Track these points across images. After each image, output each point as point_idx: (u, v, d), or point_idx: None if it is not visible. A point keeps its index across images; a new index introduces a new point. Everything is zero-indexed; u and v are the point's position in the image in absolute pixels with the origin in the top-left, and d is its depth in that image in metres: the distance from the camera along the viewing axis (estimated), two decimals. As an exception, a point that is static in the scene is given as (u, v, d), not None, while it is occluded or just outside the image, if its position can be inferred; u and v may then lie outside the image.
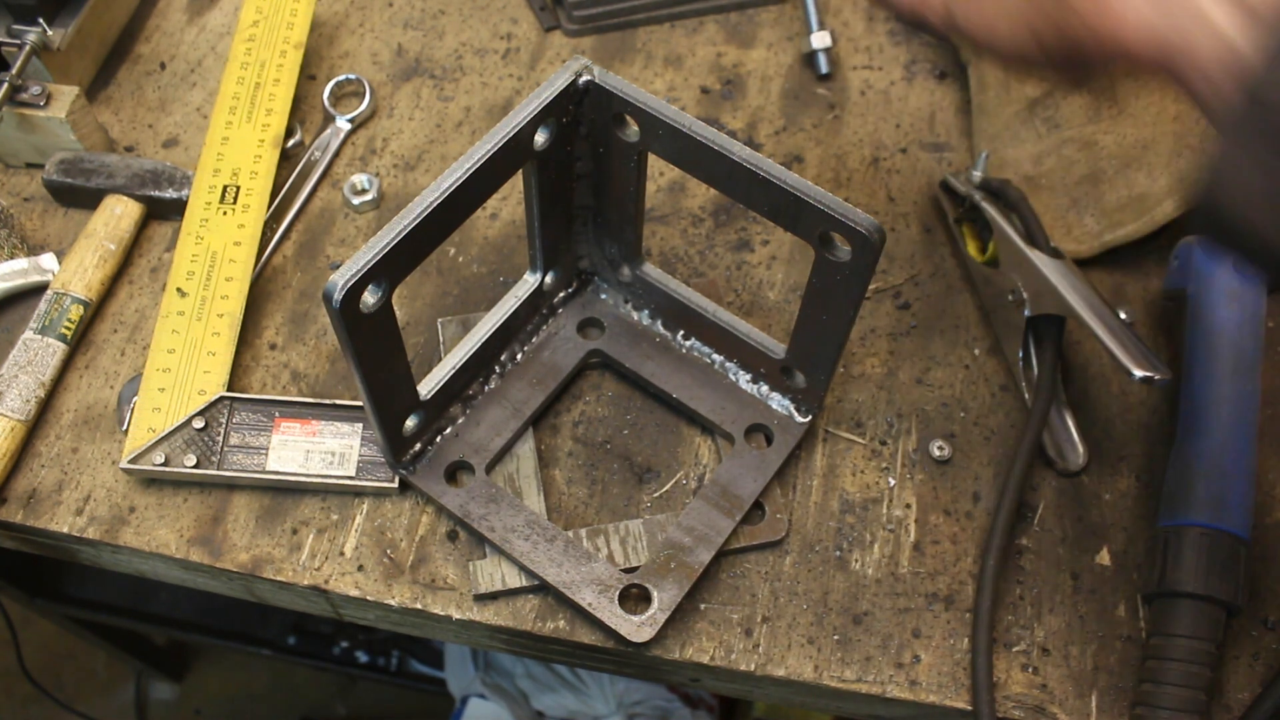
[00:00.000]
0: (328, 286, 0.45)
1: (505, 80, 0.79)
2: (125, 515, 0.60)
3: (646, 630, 0.55)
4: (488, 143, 0.49)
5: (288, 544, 0.59)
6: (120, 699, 1.66)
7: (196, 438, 0.60)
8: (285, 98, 0.72)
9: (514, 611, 0.58)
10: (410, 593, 0.58)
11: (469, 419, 0.61)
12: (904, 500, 0.62)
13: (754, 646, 0.57)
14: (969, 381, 0.66)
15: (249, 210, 0.68)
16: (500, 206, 0.72)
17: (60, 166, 0.70)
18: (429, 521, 0.60)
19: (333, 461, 0.60)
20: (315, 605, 0.62)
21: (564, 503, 0.61)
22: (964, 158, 0.75)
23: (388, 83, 0.79)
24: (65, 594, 1.28)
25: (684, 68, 0.80)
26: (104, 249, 0.67)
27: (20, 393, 0.62)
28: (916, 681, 0.56)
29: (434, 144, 0.76)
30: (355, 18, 0.83)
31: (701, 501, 0.59)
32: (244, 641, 1.40)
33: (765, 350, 0.60)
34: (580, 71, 0.52)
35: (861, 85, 0.79)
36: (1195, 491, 0.56)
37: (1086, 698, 0.56)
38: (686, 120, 0.50)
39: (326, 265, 0.70)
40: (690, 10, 0.83)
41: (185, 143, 0.76)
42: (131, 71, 0.80)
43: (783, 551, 0.60)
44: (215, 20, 0.83)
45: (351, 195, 0.72)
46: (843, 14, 0.83)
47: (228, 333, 0.63)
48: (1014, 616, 0.58)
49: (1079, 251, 0.68)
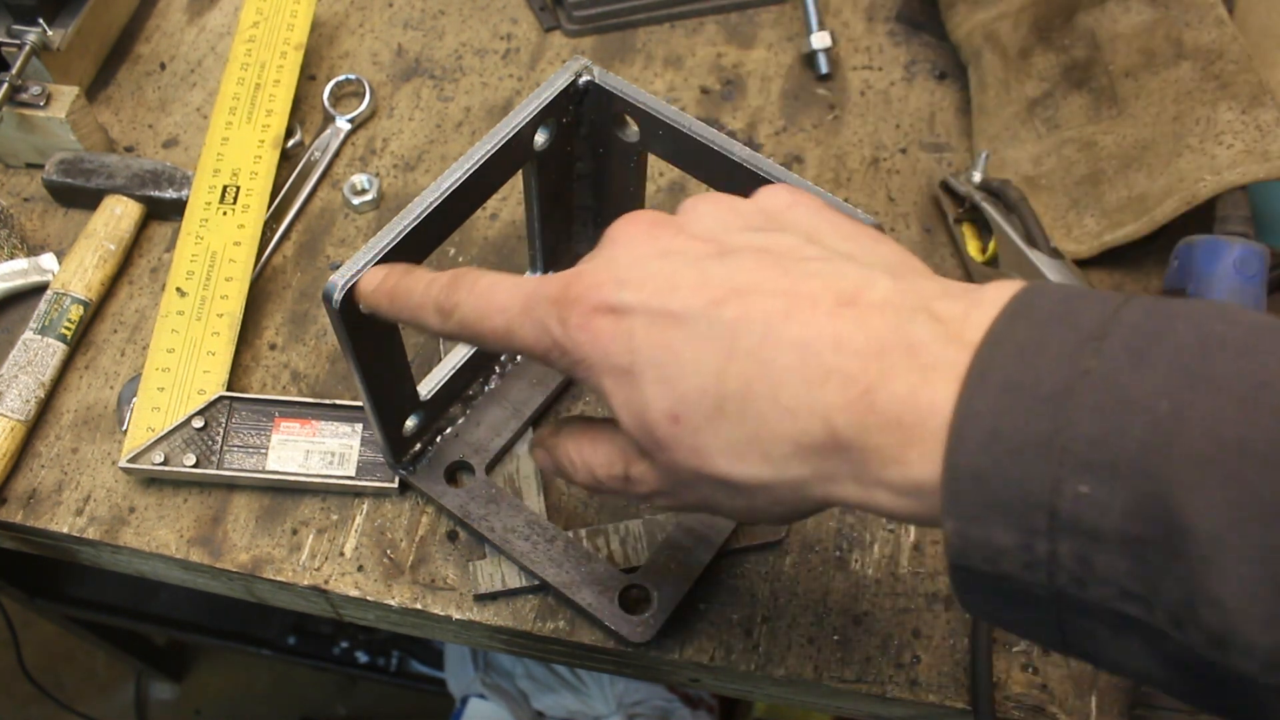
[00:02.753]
0: (327, 286, 0.45)
1: (505, 80, 0.79)
2: (125, 515, 0.60)
3: (646, 630, 0.55)
4: (488, 143, 0.49)
5: (288, 544, 0.59)
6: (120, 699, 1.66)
7: (196, 437, 0.60)
8: (285, 98, 0.72)
9: (514, 611, 0.58)
10: (410, 593, 0.58)
11: (469, 419, 0.61)
12: (904, 500, 0.61)
13: (754, 646, 0.57)
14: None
15: (249, 210, 0.68)
16: (500, 206, 0.72)
17: (60, 166, 0.70)
18: (429, 522, 0.60)
19: (333, 461, 0.60)
20: (315, 605, 0.62)
21: (564, 503, 0.61)
22: (964, 158, 0.75)
23: (388, 83, 0.79)
24: (65, 594, 1.28)
25: (684, 68, 0.80)
26: (104, 249, 0.67)
27: (20, 393, 0.62)
28: (916, 681, 0.56)
29: (434, 144, 0.76)
30: (355, 18, 0.83)
31: (701, 501, 0.59)
32: (244, 641, 1.40)
33: (765, 350, 0.60)
34: (580, 72, 0.52)
35: (861, 85, 0.79)
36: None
37: (1086, 698, 0.56)
38: (686, 120, 0.50)
39: (326, 265, 0.70)
40: (690, 10, 0.83)
41: (185, 143, 0.76)
42: (131, 71, 0.80)
43: (783, 552, 0.60)
44: (215, 20, 0.83)
45: (351, 195, 0.72)
46: (843, 14, 0.83)
47: (227, 333, 0.63)
48: (1014, 616, 0.58)
49: (1079, 252, 0.68)
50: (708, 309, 0.34)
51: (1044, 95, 0.71)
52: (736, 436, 0.34)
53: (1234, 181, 0.62)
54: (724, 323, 0.34)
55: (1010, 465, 0.28)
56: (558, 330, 0.37)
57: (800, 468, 0.33)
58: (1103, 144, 0.68)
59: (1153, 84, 0.68)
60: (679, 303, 0.35)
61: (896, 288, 0.33)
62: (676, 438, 0.35)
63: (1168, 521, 0.26)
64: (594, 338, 0.36)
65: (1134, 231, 0.66)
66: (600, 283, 0.36)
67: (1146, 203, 0.65)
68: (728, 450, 0.34)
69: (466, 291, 0.40)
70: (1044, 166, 0.70)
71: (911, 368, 0.31)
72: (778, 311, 0.33)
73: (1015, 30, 0.74)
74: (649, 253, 0.37)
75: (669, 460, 0.36)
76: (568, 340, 0.36)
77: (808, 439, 0.32)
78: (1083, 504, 0.27)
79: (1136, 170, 0.67)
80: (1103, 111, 0.69)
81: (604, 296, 0.36)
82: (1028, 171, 0.71)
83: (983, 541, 0.29)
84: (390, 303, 0.44)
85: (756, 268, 0.35)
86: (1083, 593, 0.28)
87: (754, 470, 0.34)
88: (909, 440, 0.31)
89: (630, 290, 0.35)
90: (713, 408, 0.34)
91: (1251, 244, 0.61)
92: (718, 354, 0.34)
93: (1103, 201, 0.67)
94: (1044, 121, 0.71)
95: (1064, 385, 0.28)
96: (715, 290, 0.34)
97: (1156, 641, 0.28)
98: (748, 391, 0.33)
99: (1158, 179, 0.65)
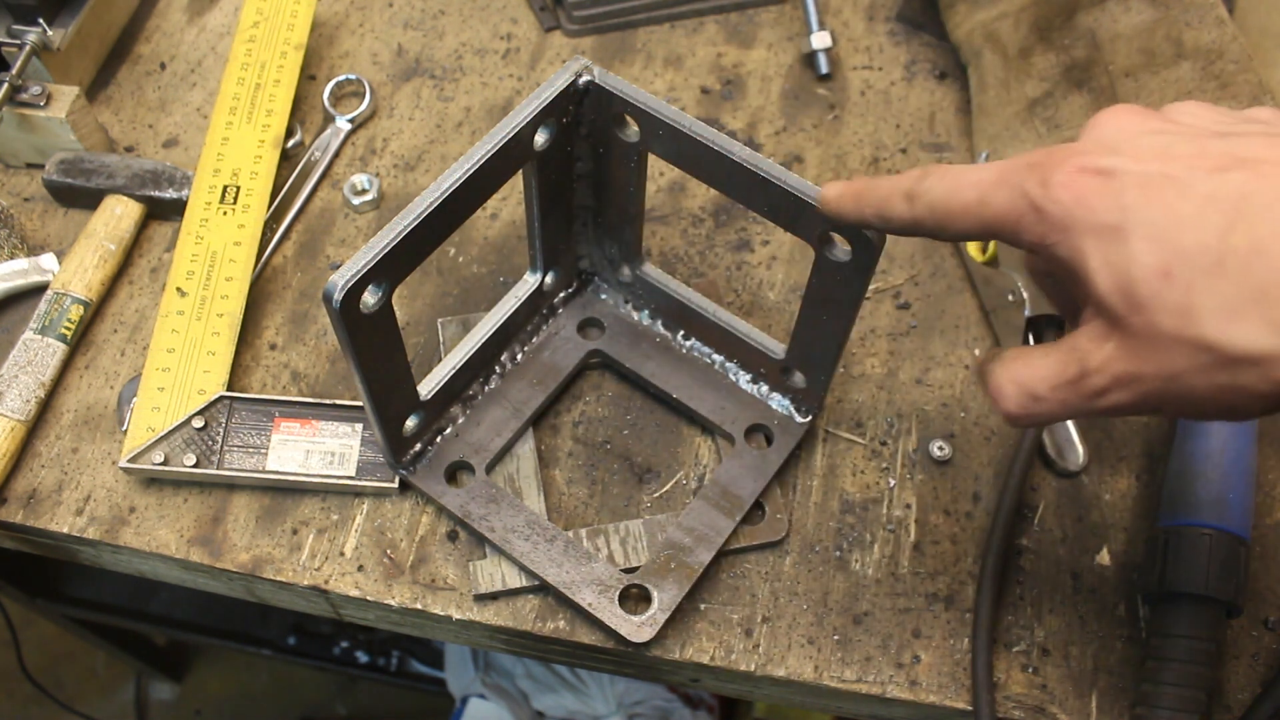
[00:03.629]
0: (328, 287, 0.45)
1: (505, 80, 0.79)
2: (125, 515, 0.60)
3: (646, 630, 0.55)
4: (488, 143, 0.49)
5: (288, 544, 0.59)
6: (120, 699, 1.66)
7: (196, 437, 0.60)
8: (285, 98, 0.72)
9: (514, 611, 0.58)
10: (410, 593, 0.58)
11: (469, 419, 0.61)
12: (904, 500, 0.62)
13: (754, 646, 0.57)
14: (969, 381, 0.66)
15: (249, 210, 0.68)
16: (500, 206, 0.72)
17: (60, 166, 0.70)
18: (429, 522, 0.60)
19: (333, 461, 0.60)
20: (315, 605, 0.62)
21: (564, 503, 0.61)
22: (964, 158, 0.75)
23: (388, 83, 0.79)
24: (65, 594, 1.28)
25: (684, 68, 0.80)
26: (104, 249, 0.67)
27: (20, 393, 0.62)
28: (916, 682, 0.56)
29: (434, 144, 0.76)
30: (355, 18, 0.83)
31: (701, 502, 0.59)
32: (244, 641, 1.40)
33: (765, 350, 0.60)
34: (580, 72, 0.52)
35: (861, 85, 0.79)
36: (1195, 491, 0.56)
37: (1086, 698, 0.56)
38: (686, 120, 0.50)
39: (326, 265, 0.70)
40: (690, 10, 0.83)
41: (185, 143, 0.76)
42: (131, 71, 0.80)
43: (783, 552, 0.60)
44: (215, 20, 0.83)
45: (351, 195, 0.72)
46: (843, 14, 0.83)
47: (227, 332, 0.63)
48: (1014, 616, 0.58)
49: (1079, 251, 0.68)
50: (1211, 172, 0.33)
51: (1044, 95, 0.71)
52: (1238, 295, 0.32)
53: (1234, 181, 0.62)
54: (1230, 184, 0.33)
55: None
56: (1037, 191, 0.36)
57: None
58: (1103, 144, 0.68)
59: (1153, 84, 0.68)
60: (1178, 168, 0.34)
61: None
62: (1165, 296, 0.33)
63: None
64: (1079, 196, 0.35)
65: (1134, 231, 0.66)
66: (1087, 149, 0.36)
67: (1146, 203, 0.65)
68: (1224, 310, 0.32)
69: (938, 176, 0.40)
70: (1044, 166, 0.70)
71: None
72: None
73: (1015, 30, 0.74)
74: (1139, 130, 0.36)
75: (1147, 324, 0.34)
76: (1047, 200, 0.35)
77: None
78: None
79: (1136, 170, 0.67)
80: (1103, 111, 0.69)
81: (1093, 159, 0.35)
82: (1028, 171, 0.71)
83: None
84: (856, 201, 0.44)
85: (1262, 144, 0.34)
86: None
87: (1251, 335, 0.32)
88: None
89: (1120, 156, 0.35)
90: (1213, 263, 0.32)
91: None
92: (1223, 213, 0.32)
93: (1103, 201, 0.67)
94: (1044, 121, 0.71)
95: None
96: (1218, 159, 0.34)
97: None
98: (1256, 248, 0.32)
99: (1158, 179, 0.65)
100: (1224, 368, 0.33)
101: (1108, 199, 0.34)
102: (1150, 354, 0.35)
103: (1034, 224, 0.36)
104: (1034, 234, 0.36)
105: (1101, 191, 0.34)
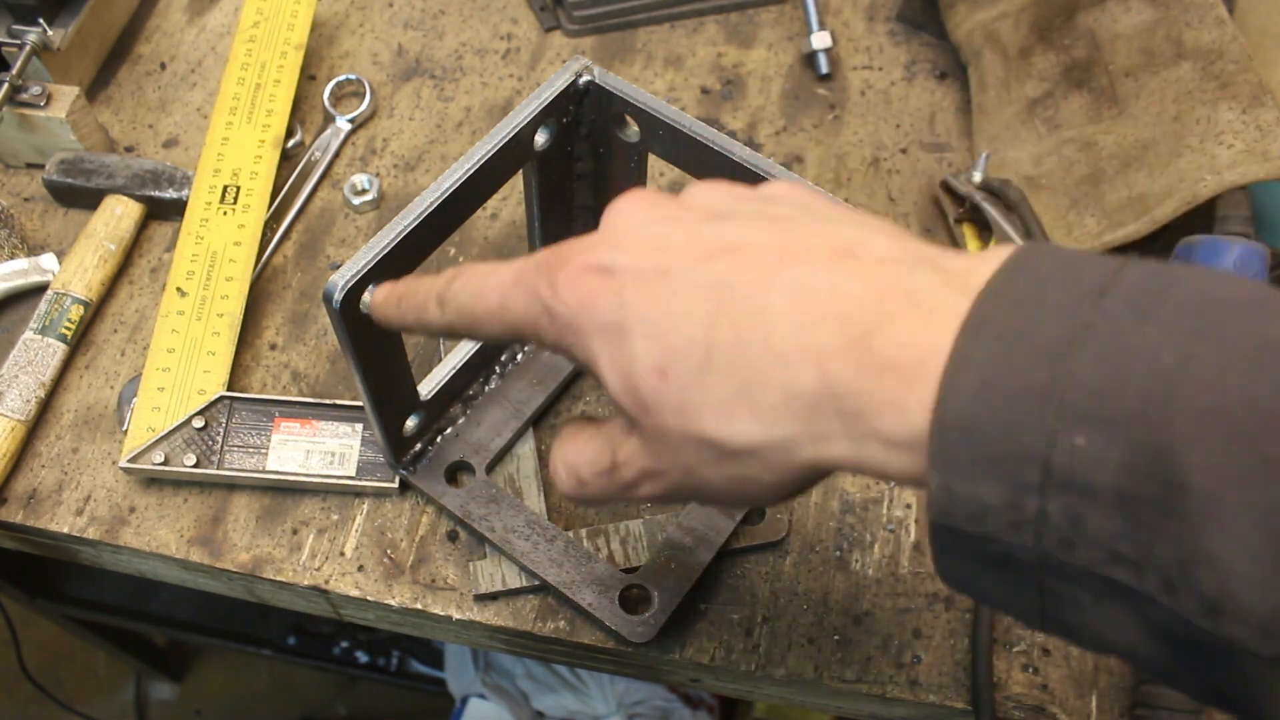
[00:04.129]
0: (328, 287, 0.45)
1: (505, 80, 0.79)
2: (125, 515, 0.60)
3: (646, 630, 0.55)
4: (488, 143, 0.49)
5: (288, 544, 0.59)
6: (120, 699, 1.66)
7: (196, 437, 0.60)
8: (285, 98, 0.72)
9: (514, 612, 0.58)
10: (410, 593, 0.58)
11: (469, 419, 0.61)
12: (904, 500, 0.62)
13: (754, 647, 0.57)
14: (969, 381, 0.66)
15: (249, 210, 0.68)
16: (500, 206, 0.72)
17: (60, 166, 0.70)
18: (429, 522, 0.60)
19: (333, 461, 0.60)
20: (315, 605, 0.62)
21: (564, 503, 0.61)
22: (964, 158, 0.75)
23: (388, 83, 0.79)
24: (65, 594, 1.28)
25: (684, 68, 0.80)
26: (104, 249, 0.67)
27: (20, 393, 0.62)
28: (917, 682, 0.56)
29: (434, 144, 0.76)
30: (355, 18, 0.83)
31: (701, 502, 0.59)
32: (244, 641, 1.40)
33: (765, 350, 0.60)
34: (580, 72, 0.52)
35: (861, 85, 0.79)
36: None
37: (1086, 698, 0.56)
38: (687, 120, 0.50)
39: (326, 265, 0.70)
40: (690, 10, 0.83)
41: (185, 143, 0.76)
42: (131, 71, 0.80)
43: (783, 552, 0.60)
44: (215, 20, 0.83)
45: (351, 195, 0.72)
46: (843, 14, 0.83)
47: (228, 333, 0.63)
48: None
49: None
50: (699, 263, 0.33)
51: (1044, 95, 0.71)
52: (725, 390, 0.32)
53: (1234, 181, 0.62)
54: (715, 274, 0.32)
55: (1004, 415, 0.27)
56: (546, 293, 0.35)
57: (790, 423, 0.31)
58: (1103, 144, 0.68)
59: (1153, 84, 0.68)
60: (669, 259, 0.33)
61: (896, 245, 0.32)
62: (664, 395, 0.33)
63: (1166, 477, 0.25)
64: (582, 296, 0.34)
65: (1134, 231, 0.66)
66: (591, 246, 0.35)
67: (1147, 203, 0.65)
68: (716, 406, 0.32)
69: (464, 279, 0.40)
70: (1044, 166, 0.70)
71: (912, 312, 0.30)
72: (771, 261, 0.32)
73: (1015, 30, 0.74)
74: (644, 220, 0.36)
75: (656, 424, 0.34)
76: (556, 301, 0.35)
77: (799, 387, 0.31)
78: (1078, 458, 0.26)
79: (1137, 170, 0.67)
80: (1103, 111, 0.69)
81: (594, 257, 0.35)
82: (1028, 171, 0.71)
83: (968, 497, 0.28)
84: (398, 306, 0.44)
85: (752, 228, 0.34)
86: (1070, 556, 0.27)
87: (742, 427, 0.32)
88: (908, 384, 0.29)
89: (621, 251, 0.34)
90: (702, 359, 0.32)
91: (1252, 244, 0.61)
92: (708, 304, 0.32)
93: (1103, 201, 0.67)
94: (1044, 121, 0.71)
95: (1064, 336, 0.27)
96: (708, 246, 0.33)
97: (1144, 610, 0.27)
98: (738, 339, 0.32)
99: (1158, 179, 0.65)
100: (728, 460, 0.33)
101: (609, 298, 0.34)
102: (664, 450, 0.35)
103: (548, 326, 0.36)
104: (550, 336, 0.36)
105: (603, 291, 0.34)
